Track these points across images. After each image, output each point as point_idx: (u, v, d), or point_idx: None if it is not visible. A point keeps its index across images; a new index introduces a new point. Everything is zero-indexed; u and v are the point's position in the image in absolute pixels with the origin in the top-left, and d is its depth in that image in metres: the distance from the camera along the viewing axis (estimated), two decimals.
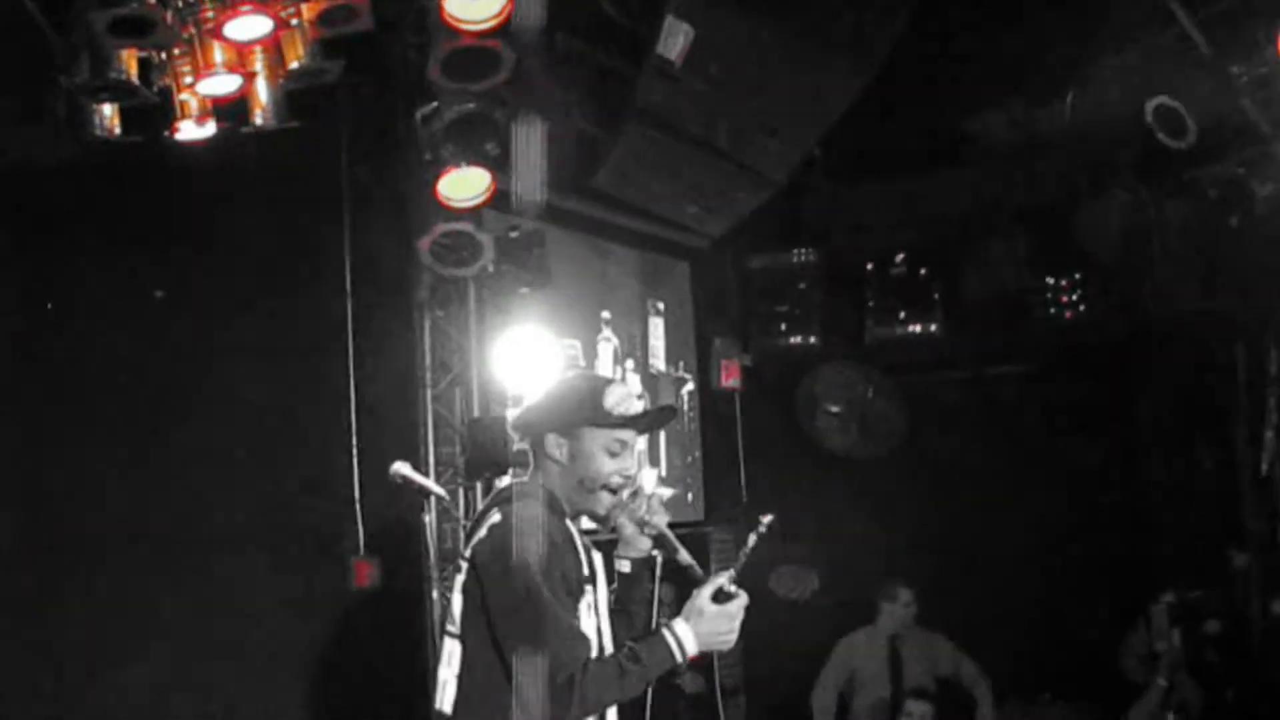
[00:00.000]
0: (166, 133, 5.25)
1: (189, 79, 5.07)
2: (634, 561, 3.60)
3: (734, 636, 3.38)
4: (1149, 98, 6.83)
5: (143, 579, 5.64)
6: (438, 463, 6.82)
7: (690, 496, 9.00)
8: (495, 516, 3.36)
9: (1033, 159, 8.29)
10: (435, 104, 5.82)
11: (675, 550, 3.57)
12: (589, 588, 3.38)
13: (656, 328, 8.89)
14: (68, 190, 5.39)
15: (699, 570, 3.54)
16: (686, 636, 3.30)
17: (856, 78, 5.97)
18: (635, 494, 3.53)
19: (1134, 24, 7.14)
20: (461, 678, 3.32)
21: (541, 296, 6.98)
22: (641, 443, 3.75)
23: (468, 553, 3.38)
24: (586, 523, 3.61)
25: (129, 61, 4.81)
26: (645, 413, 3.56)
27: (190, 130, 5.25)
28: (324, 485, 6.37)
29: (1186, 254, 7.69)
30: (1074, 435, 8.62)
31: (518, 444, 3.63)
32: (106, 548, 5.56)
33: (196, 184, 5.61)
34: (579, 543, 3.42)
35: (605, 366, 8.13)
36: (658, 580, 3.60)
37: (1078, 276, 8.40)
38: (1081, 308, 8.38)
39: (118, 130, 5.11)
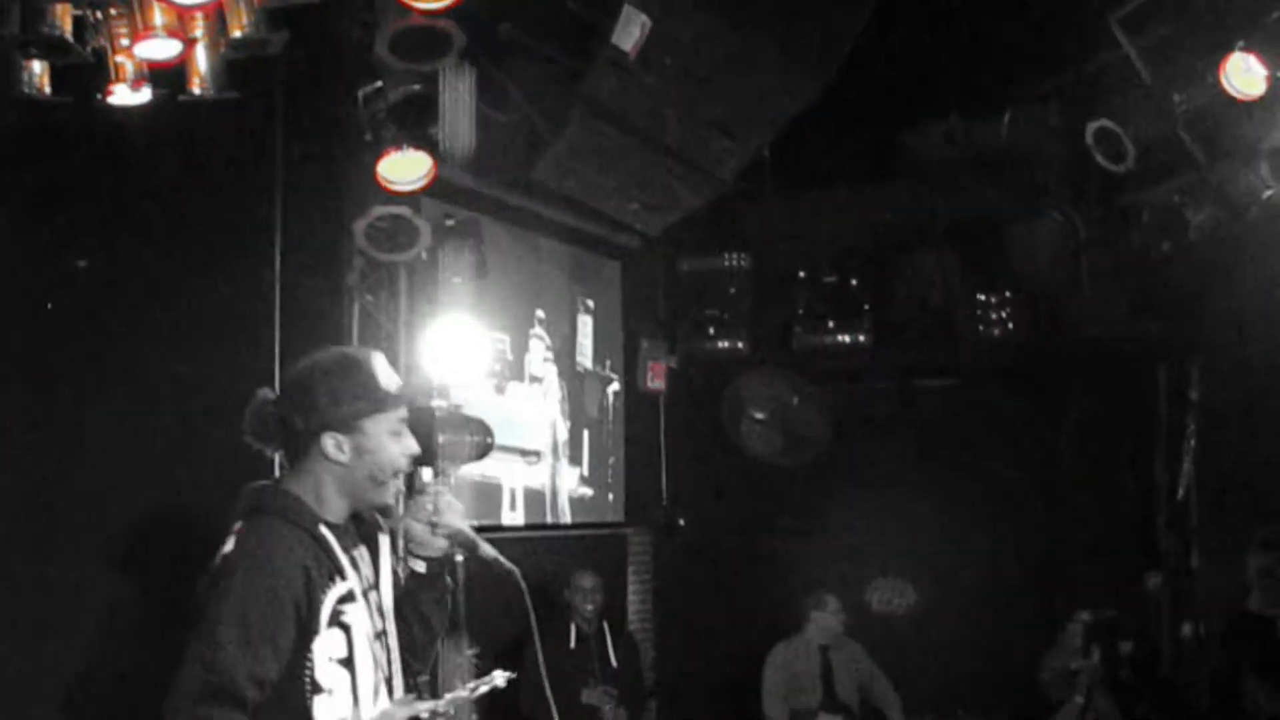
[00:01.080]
0: (99, 96, 5.07)
1: (126, 41, 4.89)
2: (431, 561, 3.34)
3: None
4: (1088, 120, 6.88)
5: (49, 566, 5.43)
6: None
7: (611, 497, 8.95)
8: (229, 544, 3.02)
9: (968, 175, 8.31)
10: (379, 83, 5.71)
11: (475, 546, 3.37)
12: (337, 579, 3.05)
13: (585, 325, 8.83)
14: None
15: (506, 564, 3.38)
16: None
17: (814, 81, 5.93)
18: (420, 492, 3.32)
19: (1076, 46, 7.20)
20: None
21: (472, 288, 6.88)
22: (553, 435, 3.60)
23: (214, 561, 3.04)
24: None
25: (63, 17, 4.63)
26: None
27: (124, 95, 5.06)
28: (246, 468, 6.18)
29: (1115, 277, 7.76)
30: (997, 451, 8.67)
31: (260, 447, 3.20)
32: (17, 533, 5.34)
33: (126, 151, 5.41)
34: (336, 553, 3.07)
35: (536, 364, 8.06)
36: (460, 580, 3.41)
37: (1007, 294, 8.45)
38: (1010, 325, 8.43)
39: (47, 90, 4.92)
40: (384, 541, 3.30)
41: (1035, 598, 8.21)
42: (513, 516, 7.89)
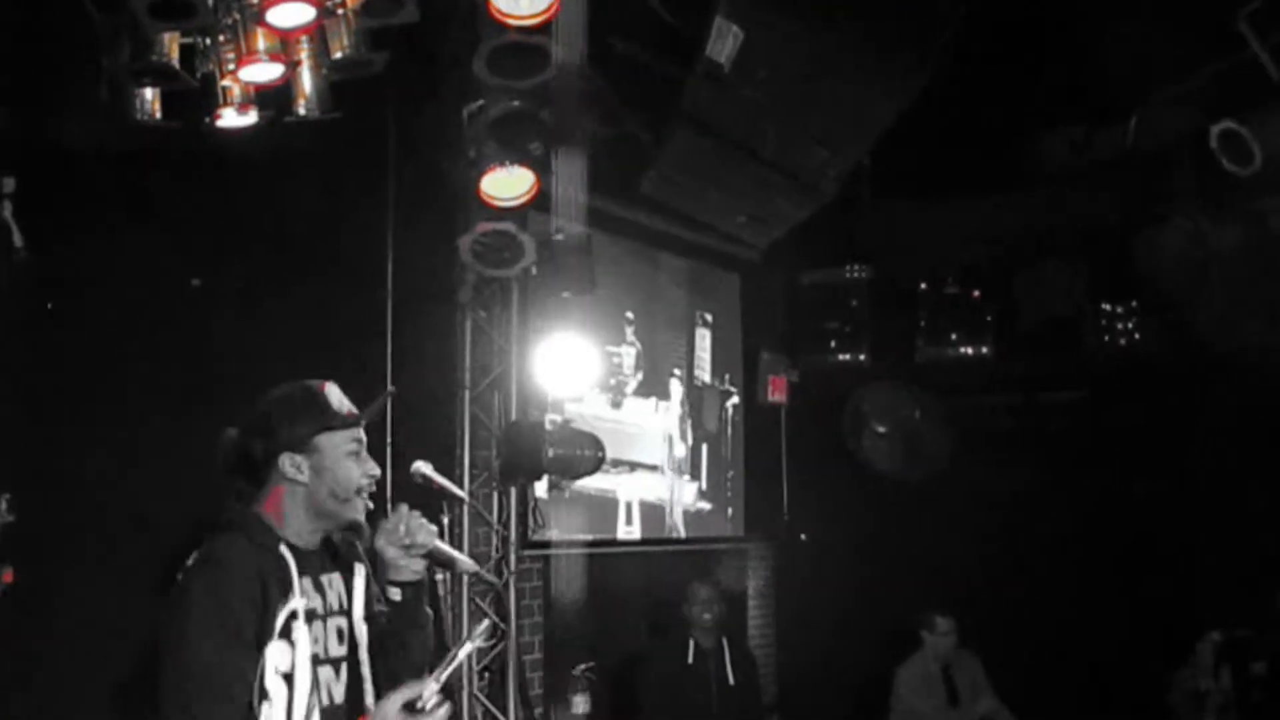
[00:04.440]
0: (208, 119, 5.23)
1: (231, 65, 5.04)
2: (407, 587, 3.33)
3: None
4: (1213, 123, 6.68)
5: (167, 569, 5.57)
6: (473, 465, 6.77)
7: (730, 511, 8.92)
8: (190, 559, 3.09)
9: (1092, 183, 8.14)
10: (481, 101, 5.78)
11: (453, 561, 3.38)
12: (290, 596, 3.07)
13: (704, 339, 8.83)
14: (106, 175, 5.36)
15: (488, 577, 3.36)
16: None
17: (906, 89, 5.86)
18: (392, 519, 3.28)
19: (1202, 47, 7.00)
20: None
21: (587, 302, 6.93)
22: (669, 449, 3.61)
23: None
24: None
25: (171, 45, 4.80)
26: (369, 405, 3.31)
27: (232, 118, 5.21)
28: None
29: (1245, 285, 7.51)
30: (1125, 466, 8.44)
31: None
32: (132, 537, 5.50)
33: (237, 173, 5.56)
34: (293, 574, 3.09)
35: (628, 370, 8.05)
36: (441, 601, 3.38)
37: (1134, 304, 8.26)
38: (1137, 336, 8.24)
39: (159, 115, 5.09)
40: (359, 571, 3.35)
41: (1164, 616, 7.96)
42: (628, 530, 7.91)
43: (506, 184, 5.95)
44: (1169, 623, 7.85)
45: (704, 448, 8.71)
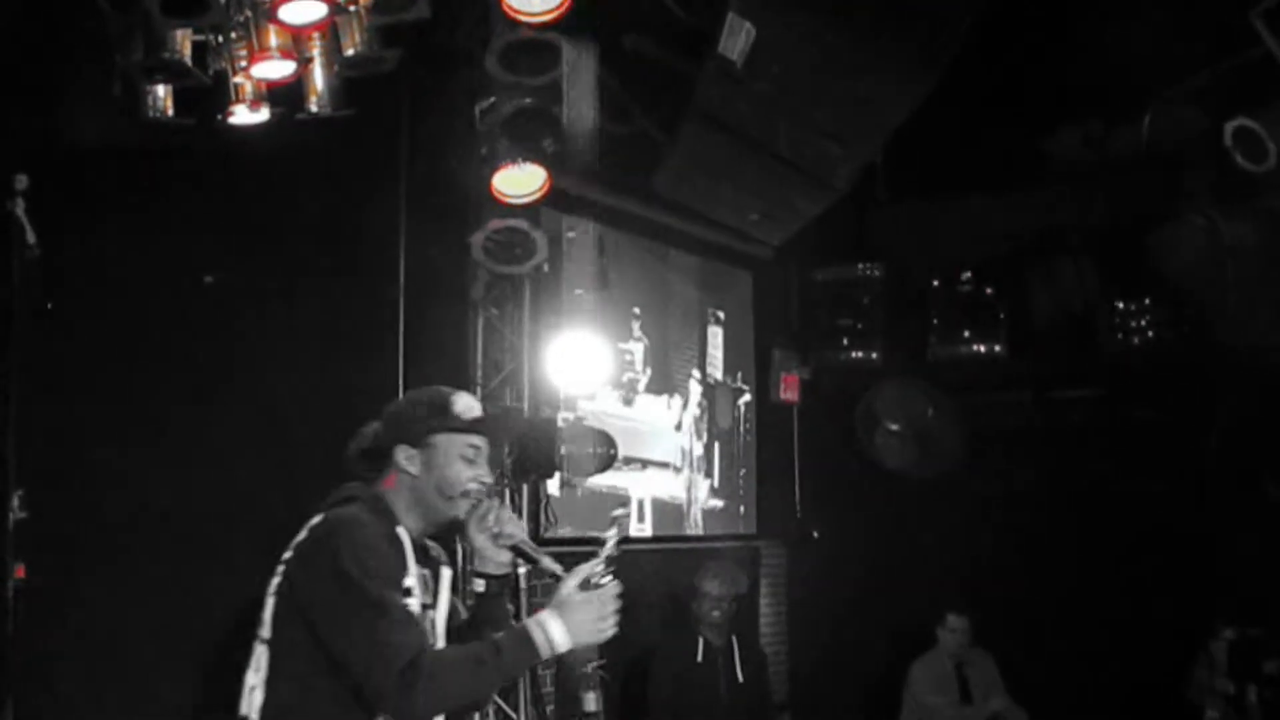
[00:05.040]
0: (221, 116, 5.24)
1: (244, 63, 5.06)
2: (491, 580, 3.45)
3: (609, 625, 3.24)
4: (1228, 119, 6.66)
5: (183, 567, 5.60)
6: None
7: (742, 510, 8.91)
8: (315, 519, 3.27)
9: (1106, 180, 8.11)
10: (493, 98, 5.78)
11: (536, 559, 3.46)
12: (412, 600, 3.22)
13: (715, 337, 8.81)
14: (119, 172, 5.37)
15: (564, 574, 3.41)
16: (553, 627, 3.15)
17: (919, 86, 5.85)
18: (484, 506, 3.41)
19: (1216, 43, 6.97)
20: (271, 683, 3.16)
21: (600, 299, 6.93)
22: (682, 446, 3.66)
23: (286, 554, 3.26)
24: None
25: (183, 42, 4.83)
26: (493, 415, 3.50)
27: (244, 115, 5.24)
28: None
29: (1260, 281, 7.48)
30: (1139, 464, 8.40)
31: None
32: (147, 534, 5.52)
33: (248, 170, 5.58)
34: (408, 553, 3.27)
35: (636, 368, 8.03)
36: (525, 595, 3.48)
37: (1147, 301, 8.22)
38: (1150, 333, 8.20)
39: (171, 112, 5.11)
40: (445, 574, 3.48)
41: (1177, 613, 7.92)
42: (641, 528, 7.89)
43: (518, 181, 5.94)
44: (1182, 620, 7.82)
45: (716, 445, 8.69)
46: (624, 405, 7.82)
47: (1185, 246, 7.79)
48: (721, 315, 8.87)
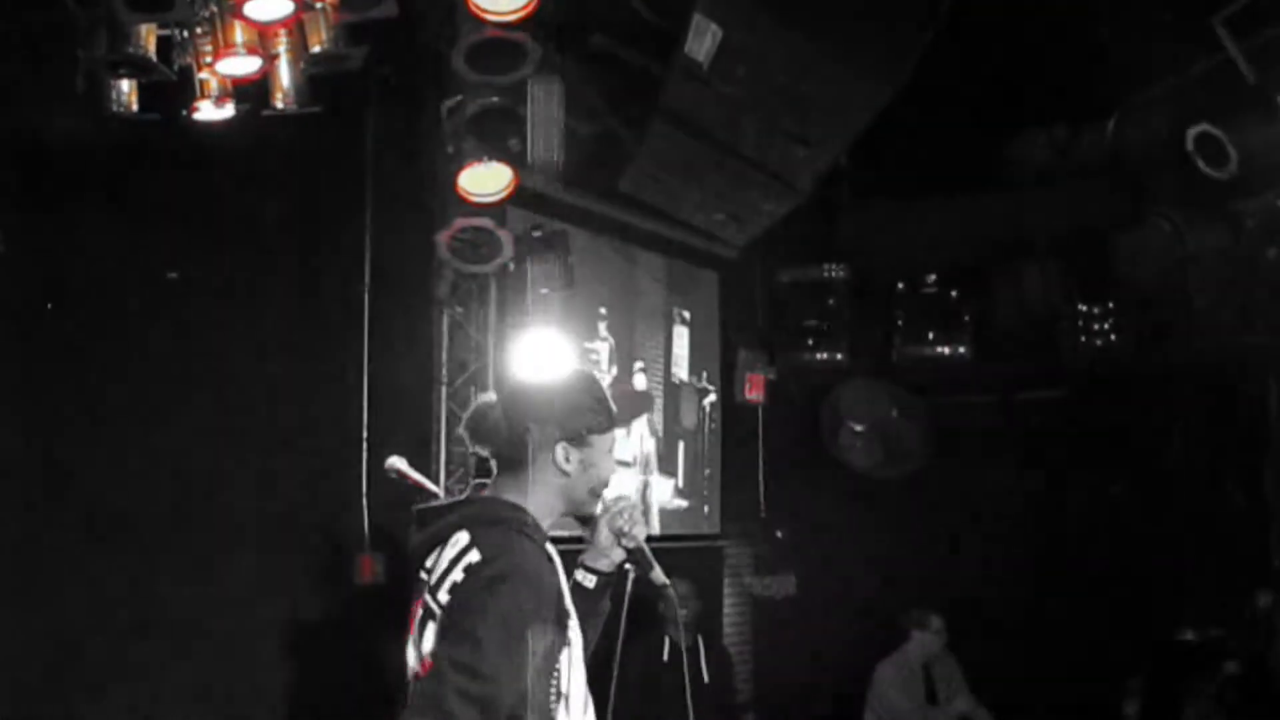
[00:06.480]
0: (186, 112, 5.21)
1: (209, 58, 5.03)
2: (599, 575, 3.25)
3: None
4: (1192, 125, 6.71)
5: (144, 564, 5.58)
6: (449, 461, 6.75)
7: (706, 509, 8.90)
8: (472, 556, 2.92)
9: (1071, 184, 8.16)
10: (460, 97, 5.78)
11: (650, 567, 3.27)
12: (565, 600, 3.03)
13: (681, 336, 8.81)
14: (83, 167, 5.35)
15: (672, 592, 3.33)
16: None
17: (884, 89, 5.85)
18: (622, 502, 3.23)
19: (1180, 50, 7.02)
20: None
21: (565, 298, 6.91)
22: (640, 446, 3.62)
23: (444, 598, 2.90)
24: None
25: (148, 37, 4.79)
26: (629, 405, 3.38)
27: (209, 111, 5.21)
28: (332, 478, 6.30)
29: (1223, 285, 7.54)
30: (1101, 465, 8.46)
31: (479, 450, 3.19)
32: (108, 531, 5.50)
33: (214, 166, 5.56)
34: (559, 567, 3.04)
35: (602, 367, 8.02)
36: (627, 598, 3.36)
37: (1111, 305, 8.26)
38: (1114, 337, 8.23)
39: (135, 107, 5.08)
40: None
41: (1140, 616, 7.98)
42: None
43: (484, 179, 5.94)
44: (1143, 623, 7.88)
45: (680, 445, 8.69)
46: None
47: (1149, 251, 7.85)
48: (687, 315, 8.86)
